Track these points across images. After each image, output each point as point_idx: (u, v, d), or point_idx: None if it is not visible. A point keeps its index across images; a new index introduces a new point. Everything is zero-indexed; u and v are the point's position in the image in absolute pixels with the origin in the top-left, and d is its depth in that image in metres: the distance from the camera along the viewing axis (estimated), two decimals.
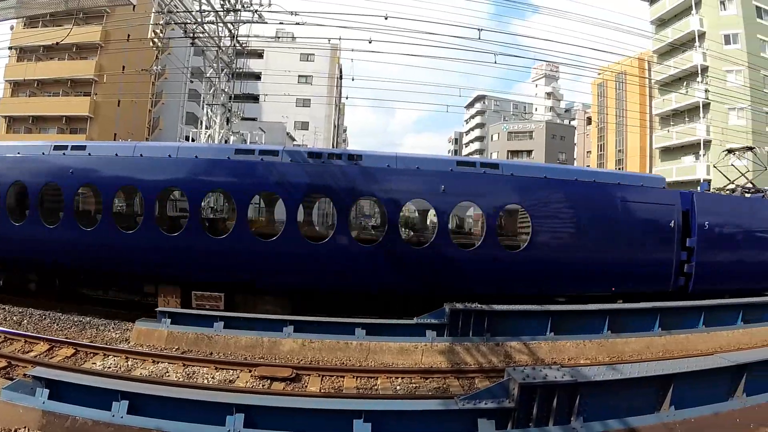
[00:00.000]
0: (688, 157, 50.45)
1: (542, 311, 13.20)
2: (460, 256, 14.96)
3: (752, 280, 17.70)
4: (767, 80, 47.35)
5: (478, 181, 15.27)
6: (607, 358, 12.74)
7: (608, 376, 7.71)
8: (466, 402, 7.24)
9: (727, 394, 8.82)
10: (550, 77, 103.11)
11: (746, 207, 18.43)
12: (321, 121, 59.59)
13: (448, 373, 11.40)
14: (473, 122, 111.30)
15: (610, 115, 66.78)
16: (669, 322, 14.31)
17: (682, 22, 50.76)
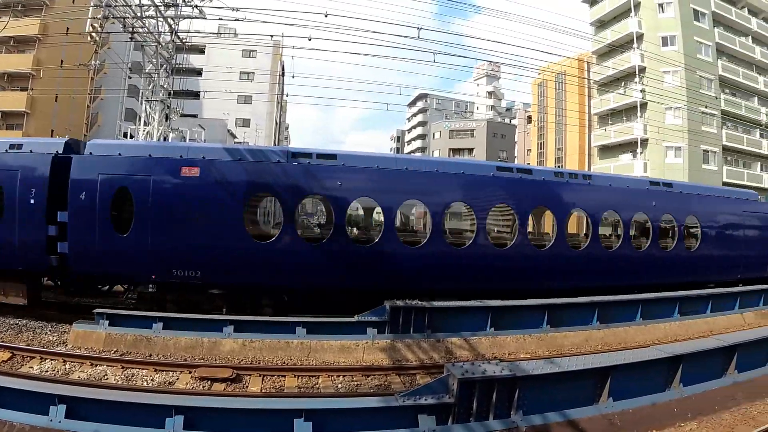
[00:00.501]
0: (626, 155, 51.87)
1: (482, 307, 13.25)
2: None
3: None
4: (703, 81, 49.15)
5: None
6: (547, 352, 12.88)
7: (546, 370, 7.79)
8: (407, 398, 7.20)
9: (664, 385, 9.05)
10: (491, 76, 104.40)
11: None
12: (263, 118, 58.75)
13: (390, 370, 11.33)
14: (415, 120, 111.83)
15: (550, 114, 68.17)
16: (607, 316, 14.59)
17: (621, 24, 52.02)
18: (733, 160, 52.55)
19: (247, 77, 57.87)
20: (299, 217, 15.77)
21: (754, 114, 53.81)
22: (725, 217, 20.04)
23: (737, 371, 10.18)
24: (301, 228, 16.00)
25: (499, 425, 7.26)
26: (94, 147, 14.07)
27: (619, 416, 8.08)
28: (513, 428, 7.28)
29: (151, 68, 25.76)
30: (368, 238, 15.53)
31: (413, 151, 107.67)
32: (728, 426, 8.85)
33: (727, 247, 19.76)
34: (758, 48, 55.29)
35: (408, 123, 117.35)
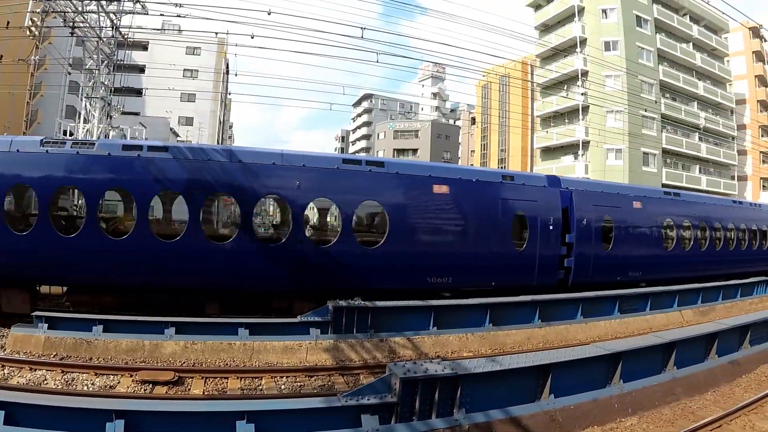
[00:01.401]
0: (568, 157, 53.14)
1: (425, 306, 13.25)
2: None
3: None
4: (644, 85, 50.68)
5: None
6: (489, 350, 12.95)
7: (488, 368, 7.81)
8: (349, 398, 7.13)
9: (605, 382, 9.18)
10: (436, 78, 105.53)
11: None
12: (206, 116, 57.62)
13: (333, 370, 11.23)
14: (360, 120, 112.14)
15: (494, 115, 69.19)
16: (548, 314, 14.79)
17: (565, 29, 53.31)
18: (673, 163, 54.35)
19: (191, 75, 56.64)
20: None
21: (694, 118, 55.96)
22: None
23: (676, 367, 10.39)
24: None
25: (442, 424, 7.21)
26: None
27: (561, 412, 8.13)
28: (456, 426, 7.23)
29: (92, 64, 24.87)
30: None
31: (358, 151, 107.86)
32: (668, 421, 9.05)
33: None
34: (699, 54, 57.63)
35: (353, 123, 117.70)
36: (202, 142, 50.99)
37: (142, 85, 51.86)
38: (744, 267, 24.72)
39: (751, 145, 64.09)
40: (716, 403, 10.12)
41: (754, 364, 12.41)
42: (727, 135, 61.50)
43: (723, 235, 23.53)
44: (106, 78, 25.30)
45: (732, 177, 61.77)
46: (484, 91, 72.53)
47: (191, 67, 56.33)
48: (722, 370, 11.43)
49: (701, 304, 19.14)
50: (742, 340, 12.69)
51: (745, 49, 67.35)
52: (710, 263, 23.03)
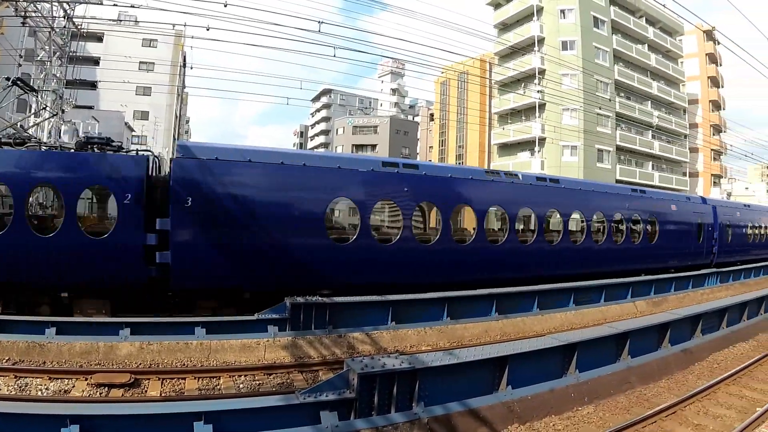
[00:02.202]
0: (524, 153, 53.83)
1: (382, 301, 13.21)
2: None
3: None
4: (599, 85, 51.68)
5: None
6: (448, 343, 12.95)
7: (446, 361, 7.85)
8: (307, 396, 7.08)
9: (561, 372, 9.33)
10: (395, 74, 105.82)
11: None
12: (162, 110, 56.27)
13: (292, 367, 11.07)
14: (319, 116, 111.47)
15: (452, 112, 69.97)
16: (505, 307, 14.92)
17: (524, 28, 53.73)
18: (626, 159, 55.60)
19: (147, 68, 55.34)
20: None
21: (647, 117, 57.43)
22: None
23: (630, 357, 10.64)
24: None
25: (402, 418, 7.22)
26: None
27: (518, 403, 8.22)
28: (415, 420, 7.24)
29: (44, 55, 24.02)
30: None
31: (317, 146, 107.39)
32: (624, 408, 9.25)
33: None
34: (653, 55, 59.23)
35: (312, 118, 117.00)
36: (157, 137, 49.91)
37: (97, 77, 50.33)
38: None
39: (703, 143, 66.50)
40: (670, 390, 10.38)
41: (706, 352, 12.80)
42: (680, 133, 63.47)
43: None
44: (59, 70, 24.44)
45: (684, 173, 63.79)
46: (443, 87, 73.00)
47: (147, 60, 55.03)
48: (675, 358, 11.71)
49: (654, 295, 19.61)
50: (694, 329, 13.05)
51: (698, 51, 69.98)
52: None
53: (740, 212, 32.83)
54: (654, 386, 10.47)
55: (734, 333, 14.43)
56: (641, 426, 8.37)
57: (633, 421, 8.36)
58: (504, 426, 7.89)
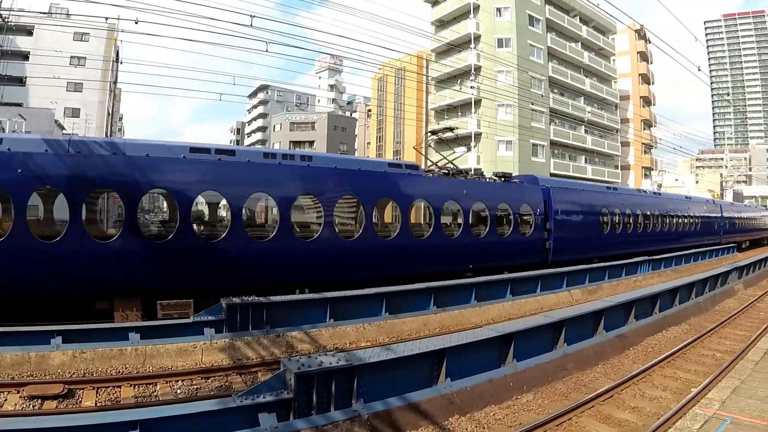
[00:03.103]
0: (461, 148, 54.25)
1: (321, 299, 13.02)
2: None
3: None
4: (534, 81, 52.67)
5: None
6: (387, 338, 12.89)
7: (383, 357, 7.79)
8: (244, 398, 6.90)
9: (499, 362, 9.38)
10: (333, 70, 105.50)
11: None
12: (94, 107, 54.10)
13: (230, 370, 10.78)
14: (256, 112, 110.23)
15: (389, 108, 70.01)
16: (444, 300, 14.93)
17: (461, 25, 54.38)
18: (560, 153, 56.97)
19: (78, 62, 53.09)
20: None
21: (580, 112, 59.02)
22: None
23: (567, 344, 10.81)
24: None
25: (341, 416, 7.13)
26: None
27: (458, 395, 8.22)
28: (355, 417, 7.17)
29: None
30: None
31: (254, 143, 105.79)
32: (562, 394, 9.40)
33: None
34: (587, 53, 61.12)
35: (248, 115, 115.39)
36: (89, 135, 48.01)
37: (26, 73, 48.05)
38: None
39: (634, 138, 69.11)
40: (607, 375, 10.61)
41: (640, 336, 13.16)
42: (612, 128, 65.72)
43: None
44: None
45: (616, 166, 65.97)
46: (380, 83, 73.22)
47: (79, 54, 52.81)
48: (611, 344, 11.98)
49: (589, 284, 20.05)
50: (627, 315, 13.44)
51: (630, 49, 73.09)
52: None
53: (597, 196, 27.02)
54: (591, 372, 10.68)
55: (667, 318, 14.88)
56: (580, 411, 8.47)
57: (571, 407, 8.46)
58: (445, 418, 7.88)
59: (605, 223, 26.43)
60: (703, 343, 13.34)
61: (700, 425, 6.88)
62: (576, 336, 11.21)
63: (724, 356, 11.98)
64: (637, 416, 8.53)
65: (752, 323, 15.77)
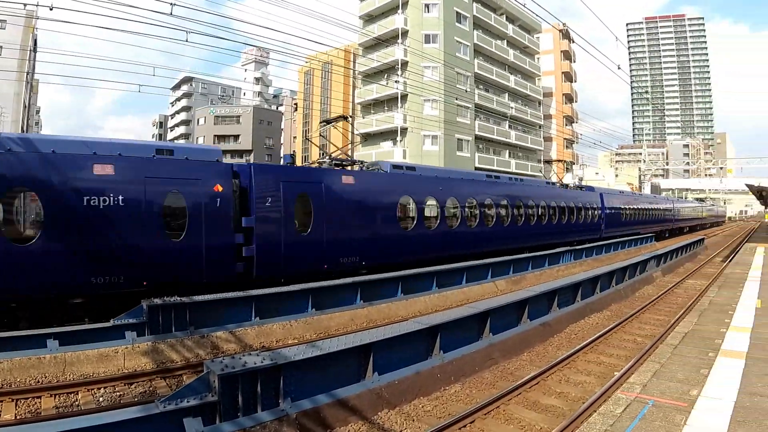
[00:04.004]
0: (387, 143, 54.74)
1: (245, 297, 12.67)
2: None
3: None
4: (460, 77, 53.48)
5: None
6: (314, 335, 12.67)
7: (309, 354, 7.64)
8: (168, 403, 6.61)
9: (426, 354, 9.36)
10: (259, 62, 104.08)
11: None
12: (9, 99, 50.97)
13: (155, 374, 10.32)
14: (179, 105, 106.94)
15: (316, 102, 69.63)
16: (370, 294, 14.84)
17: (389, 20, 54.43)
18: (485, 148, 58.08)
19: None
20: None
21: (505, 108, 60.40)
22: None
23: (492, 334, 10.91)
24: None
25: (269, 416, 6.96)
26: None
27: (386, 389, 8.18)
28: (283, 417, 7.02)
29: None
30: None
31: (177, 137, 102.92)
32: (490, 383, 9.47)
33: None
34: (512, 51, 62.74)
35: (172, 108, 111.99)
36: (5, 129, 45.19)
37: None
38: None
39: (556, 133, 71.43)
40: (532, 362, 10.78)
41: (564, 324, 13.48)
42: (535, 124, 67.71)
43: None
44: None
45: (539, 160, 67.75)
46: (307, 77, 72.55)
47: None
48: (535, 332, 12.20)
49: (513, 274, 20.39)
50: (551, 304, 13.72)
51: (554, 48, 75.99)
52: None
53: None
54: (517, 360, 10.82)
55: (589, 305, 15.31)
56: (507, 399, 8.53)
57: (499, 395, 8.50)
58: (374, 413, 7.81)
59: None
60: (624, 328, 13.75)
61: (622, 409, 6.98)
62: (501, 326, 11.33)
63: (644, 341, 12.38)
64: (563, 401, 8.68)
65: (671, 308, 16.41)
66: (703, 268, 27.31)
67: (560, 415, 8.00)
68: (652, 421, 6.59)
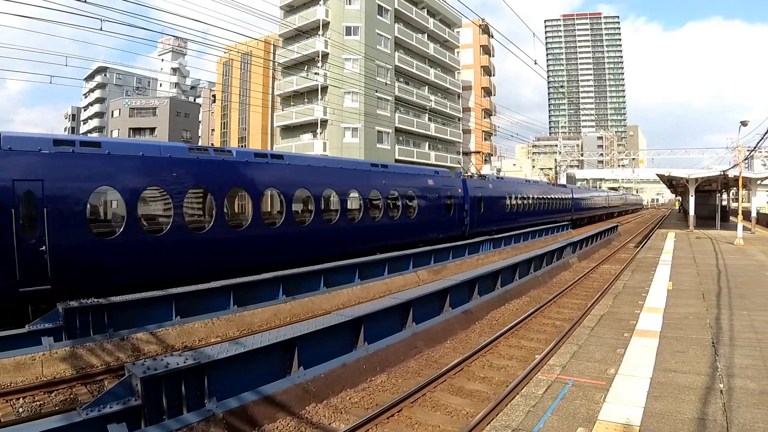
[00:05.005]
0: (307, 135, 54.42)
1: (164, 296, 12.22)
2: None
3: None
4: (380, 70, 53.67)
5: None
6: (237, 332, 12.43)
7: (232, 352, 7.52)
8: (90, 410, 6.35)
9: (351, 346, 9.38)
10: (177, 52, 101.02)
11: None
12: None
13: (75, 380, 9.81)
14: (93, 96, 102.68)
15: (235, 93, 68.32)
16: (293, 288, 14.66)
17: (310, 11, 53.86)
18: (405, 140, 58.61)
19: None
20: None
21: (425, 101, 61.14)
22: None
23: (415, 323, 11.04)
24: None
25: (195, 417, 6.80)
26: None
27: (312, 383, 8.14)
28: (210, 417, 6.86)
29: None
30: None
31: (91, 130, 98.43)
32: (415, 372, 9.58)
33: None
34: (432, 45, 63.52)
35: (85, 99, 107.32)
36: None
37: None
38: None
39: (475, 126, 72.96)
40: (455, 350, 10.96)
41: (484, 311, 13.79)
42: (454, 116, 68.75)
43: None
44: None
45: (458, 152, 69.02)
46: (226, 68, 70.84)
47: None
48: (457, 320, 12.41)
49: (434, 264, 20.64)
50: (471, 291, 14.00)
51: (473, 42, 77.61)
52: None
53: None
54: (441, 348, 10.99)
55: (508, 292, 15.73)
56: (433, 386, 8.64)
57: (425, 383, 8.58)
58: (302, 407, 7.77)
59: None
60: (543, 313, 14.21)
61: (544, 390, 7.20)
62: (424, 315, 11.49)
63: (563, 324, 12.83)
64: (487, 386, 8.87)
65: (587, 293, 17.11)
66: (617, 253, 28.61)
67: (485, 399, 8.16)
68: (573, 399, 6.83)
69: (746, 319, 10.97)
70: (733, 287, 14.75)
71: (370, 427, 7.21)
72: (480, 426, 6.84)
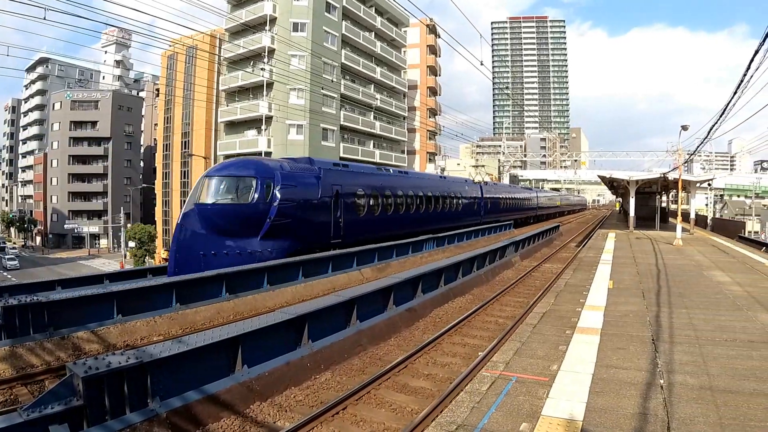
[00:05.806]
0: (252, 131, 53.93)
1: (106, 294, 11.94)
2: None
3: None
4: (326, 67, 53.49)
5: None
6: (180, 330, 12.22)
7: (175, 350, 7.40)
8: (31, 411, 6.19)
9: (295, 344, 9.34)
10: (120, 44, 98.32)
11: None
12: None
13: (15, 381, 9.50)
14: (34, 88, 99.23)
15: (179, 88, 67.18)
16: (236, 286, 14.51)
17: (257, 6, 53.37)
18: (350, 138, 58.72)
19: None
20: None
21: (370, 99, 61.31)
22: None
23: (360, 321, 11.09)
24: None
25: (138, 417, 6.70)
26: None
27: (257, 381, 8.12)
28: (153, 417, 6.79)
29: None
30: None
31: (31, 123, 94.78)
32: (359, 370, 9.62)
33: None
34: (379, 43, 63.82)
35: (26, 91, 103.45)
36: None
37: None
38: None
39: (420, 125, 73.56)
40: (400, 347, 11.04)
41: (428, 309, 13.93)
42: (400, 115, 69.09)
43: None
44: None
45: (402, 151, 69.61)
46: (171, 61, 69.37)
47: None
48: (401, 317, 12.52)
49: (378, 262, 20.67)
50: (415, 289, 14.10)
51: (420, 42, 78.32)
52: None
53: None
54: (385, 345, 11.06)
55: (452, 290, 15.91)
56: (377, 384, 8.68)
57: (369, 381, 8.62)
58: (246, 406, 7.73)
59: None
60: (486, 310, 14.40)
61: (488, 386, 7.31)
62: (368, 312, 11.55)
63: (506, 321, 13.02)
64: (431, 383, 8.95)
65: (529, 291, 17.41)
66: (558, 252, 29.24)
67: (430, 396, 8.24)
68: (517, 396, 6.95)
69: (685, 317, 11.36)
70: (672, 286, 15.25)
71: (315, 425, 7.19)
72: (425, 423, 6.90)
